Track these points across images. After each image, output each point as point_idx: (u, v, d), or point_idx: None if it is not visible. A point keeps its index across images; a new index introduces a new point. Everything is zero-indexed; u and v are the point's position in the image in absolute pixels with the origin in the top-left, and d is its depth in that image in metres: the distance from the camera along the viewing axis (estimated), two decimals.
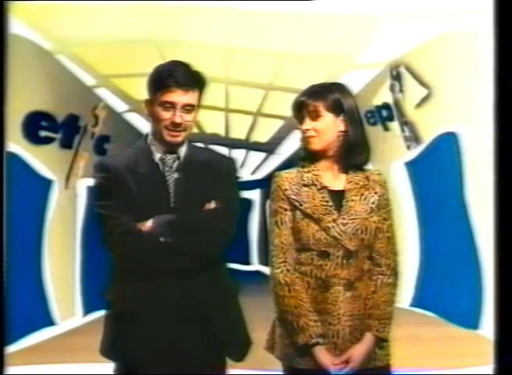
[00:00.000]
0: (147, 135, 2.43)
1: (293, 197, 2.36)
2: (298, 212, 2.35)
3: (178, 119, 2.33)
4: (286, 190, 2.37)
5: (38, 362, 4.46)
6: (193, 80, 2.36)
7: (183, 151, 2.40)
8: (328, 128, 2.36)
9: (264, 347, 2.47)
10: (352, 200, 2.38)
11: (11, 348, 4.01)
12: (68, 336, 5.52)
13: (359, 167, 2.43)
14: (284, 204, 2.37)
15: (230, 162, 2.51)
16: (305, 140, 2.37)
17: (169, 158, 2.39)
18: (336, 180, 2.40)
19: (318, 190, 2.37)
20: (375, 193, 2.41)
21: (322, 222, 2.33)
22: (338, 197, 2.38)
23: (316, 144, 2.36)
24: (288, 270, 2.34)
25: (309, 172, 2.39)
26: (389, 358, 2.42)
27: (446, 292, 5.64)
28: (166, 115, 2.33)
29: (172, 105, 2.33)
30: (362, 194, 2.39)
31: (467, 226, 5.47)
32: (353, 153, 2.40)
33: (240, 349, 2.44)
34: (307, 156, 2.42)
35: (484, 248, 5.22)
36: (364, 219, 2.37)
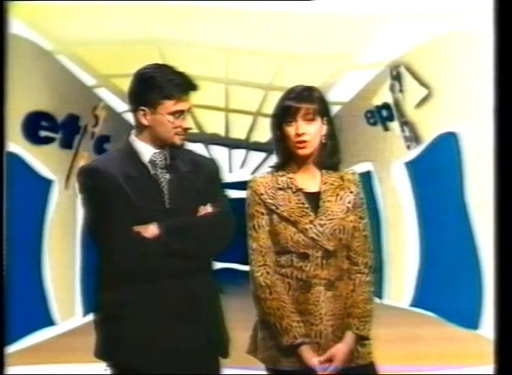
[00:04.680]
0: (128, 137, 2.42)
1: (269, 201, 2.37)
2: (275, 216, 2.37)
3: (189, 125, 2.36)
4: (261, 194, 2.38)
5: (38, 362, 4.46)
6: (193, 85, 2.38)
7: (168, 152, 2.40)
8: (317, 134, 2.37)
9: (246, 351, 2.47)
10: (328, 201, 2.39)
11: (11, 348, 4.01)
12: (68, 336, 5.53)
13: (334, 168, 2.44)
14: (260, 208, 2.38)
15: (213, 162, 2.52)
16: (297, 144, 2.36)
17: (159, 159, 2.39)
18: (311, 182, 2.42)
19: (294, 193, 2.38)
20: (351, 192, 2.43)
21: (299, 224, 2.35)
22: (314, 198, 2.39)
23: (307, 150, 2.36)
24: (268, 273, 2.35)
25: (283, 175, 2.40)
26: (371, 356, 2.43)
27: (446, 292, 5.65)
28: (177, 122, 2.34)
29: (181, 113, 2.34)
30: (338, 195, 2.41)
31: (467, 226, 5.47)
32: (331, 155, 2.42)
33: (226, 346, 2.45)
34: (283, 161, 2.41)
35: (484, 248, 5.22)
36: (341, 219, 2.38)
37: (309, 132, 2.35)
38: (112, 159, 2.39)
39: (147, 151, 2.38)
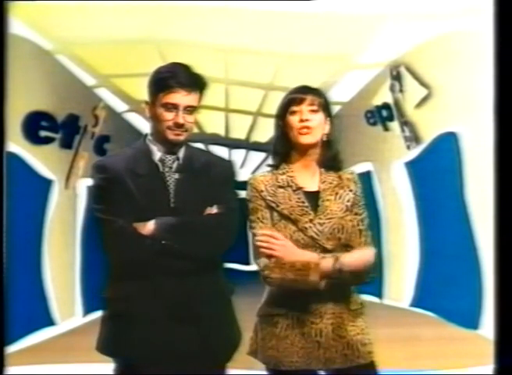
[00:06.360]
0: (146, 136, 2.44)
1: (269, 198, 2.38)
2: (275, 214, 2.38)
3: (181, 120, 2.34)
4: (261, 191, 2.39)
5: (38, 362, 4.46)
6: (195, 82, 2.37)
7: (182, 152, 2.41)
8: (320, 125, 2.39)
9: (247, 352, 2.46)
10: (327, 199, 2.40)
11: (11, 348, 4.01)
12: (68, 336, 5.53)
13: (336, 169, 2.45)
14: (262, 203, 2.39)
15: (229, 164, 2.51)
16: (300, 131, 2.37)
17: (169, 158, 2.39)
18: (310, 181, 2.43)
19: (294, 191, 2.39)
20: (350, 191, 2.44)
21: (299, 222, 2.35)
22: (313, 197, 2.40)
23: (310, 137, 2.37)
24: None
25: (283, 174, 2.42)
26: (372, 356, 2.42)
27: (446, 292, 5.65)
28: (169, 116, 2.34)
29: (174, 107, 2.33)
30: (337, 193, 2.42)
31: (467, 226, 5.47)
32: (334, 157, 2.43)
33: (229, 350, 2.44)
34: (283, 155, 2.42)
35: (484, 248, 5.22)
36: (341, 218, 2.39)
37: (313, 119, 2.37)
38: (123, 157, 2.40)
39: (158, 149, 2.39)
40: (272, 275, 2.31)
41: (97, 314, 2.49)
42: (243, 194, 2.45)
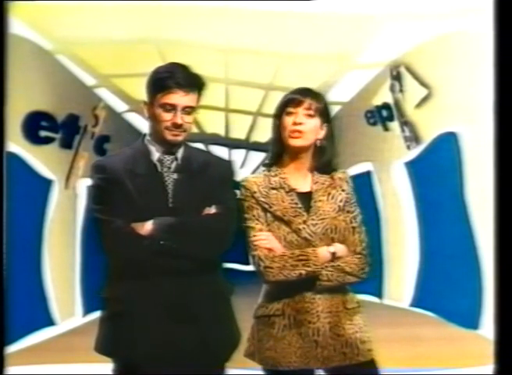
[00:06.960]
0: (144, 136, 2.43)
1: (262, 199, 2.39)
2: (268, 215, 2.39)
3: (179, 121, 2.34)
4: (254, 192, 2.40)
5: (38, 362, 4.46)
6: (194, 82, 2.37)
7: (180, 152, 2.40)
8: (313, 130, 2.39)
9: (244, 354, 2.46)
10: (320, 200, 2.41)
11: (11, 348, 4.00)
12: (68, 336, 5.53)
13: (326, 173, 2.46)
14: (256, 203, 2.39)
15: (228, 164, 2.51)
16: (292, 134, 2.38)
17: (168, 159, 2.39)
18: (303, 182, 2.44)
19: (287, 192, 2.40)
20: (343, 190, 2.45)
21: (293, 224, 2.37)
22: (306, 198, 2.42)
23: (300, 141, 2.38)
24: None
25: (276, 175, 2.43)
26: (371, 353, 2.42)
27: (446, 292, 5.64)
28: (167, 116, 2.34)
29: (172, 107, 2.33)
30: (329, 194, 2.43)
31: (467, 226, 5.47)
32: (325, 163, 2.45)
33: (228, 350, 2.43)
34: (276, 155, 2.43)
35: (484, 248, 5.21)
36: (333, 218, 2.40)
37: (306, 124, 2.37)
38: (121, 157, 2.41)
39: (157, 149, 2.39)
40: (273, 264, 2.31)
41: (97, 314, 2.49)
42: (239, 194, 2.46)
